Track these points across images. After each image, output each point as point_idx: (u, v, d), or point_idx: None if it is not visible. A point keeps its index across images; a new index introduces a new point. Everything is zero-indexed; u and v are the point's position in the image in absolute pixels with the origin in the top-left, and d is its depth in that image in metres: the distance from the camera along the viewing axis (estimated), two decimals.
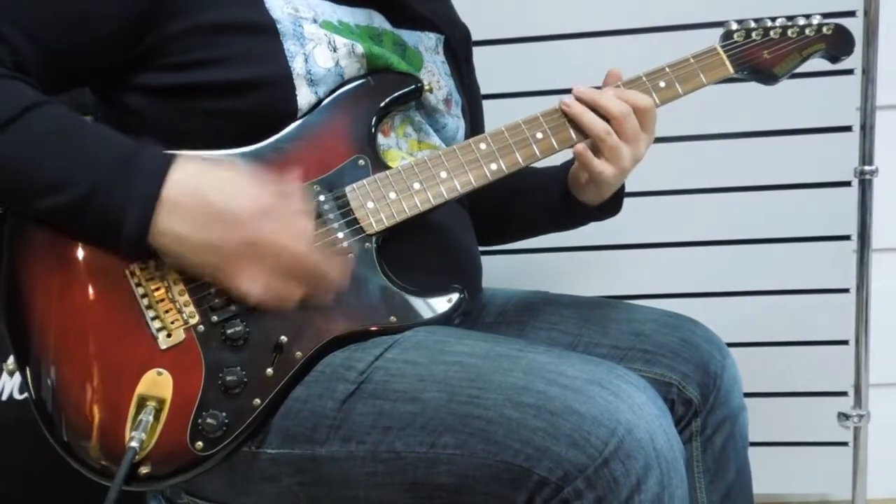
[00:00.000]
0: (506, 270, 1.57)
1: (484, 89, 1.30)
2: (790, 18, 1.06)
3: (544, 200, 1.13)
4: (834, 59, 1.09)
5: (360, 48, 0.96)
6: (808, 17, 1.06)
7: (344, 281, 0.88)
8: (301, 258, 0.84)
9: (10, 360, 0.87)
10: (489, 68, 1.34)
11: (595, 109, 0.96)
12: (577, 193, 1.07)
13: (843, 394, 1.62)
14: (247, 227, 0.81)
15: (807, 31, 1.06)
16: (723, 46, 1.04)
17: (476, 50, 1.28)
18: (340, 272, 0.88)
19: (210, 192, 0.82)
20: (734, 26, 1.05)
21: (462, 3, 1.23)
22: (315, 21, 0.95)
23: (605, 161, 0.97)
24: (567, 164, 1.08)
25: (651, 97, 0.99)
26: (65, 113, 0.84)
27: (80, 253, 0.86)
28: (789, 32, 1.06)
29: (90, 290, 0.85)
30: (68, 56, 0.86)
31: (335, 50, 0.94)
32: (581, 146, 0.97)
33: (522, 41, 1.56)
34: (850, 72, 1.50)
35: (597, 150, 0.97)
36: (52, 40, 0.85)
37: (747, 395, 1.10)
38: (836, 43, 1.07)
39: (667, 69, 1.02)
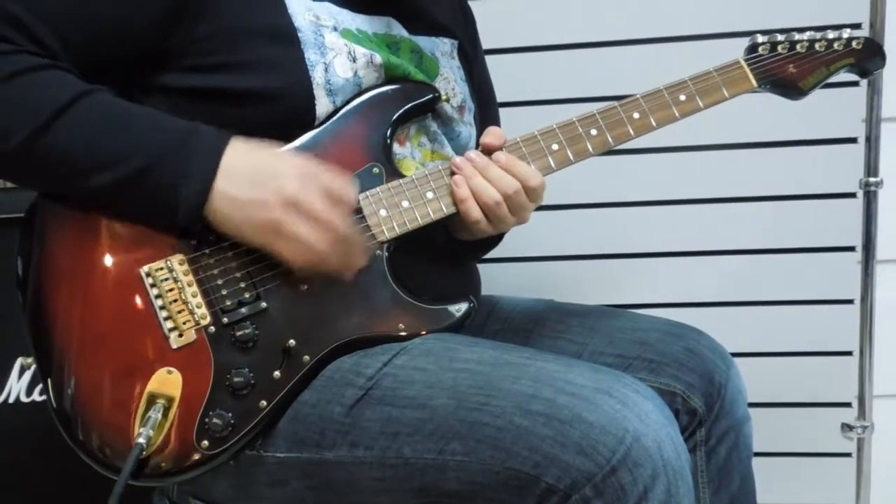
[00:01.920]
0: (511, 278, 1.57)
1: (503, 97, 1.29)
2: (818, 31, 1.06)
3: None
4: (864, 74, 1.09)
5: (378, 58, 0.96)
6: (837, 29, 1.05)
7: (367, 257, 0.90)
8: (334, 219, 0.84)
9: (18, 366, 0.88)
10: (509, 76, 1.34)
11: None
12: (452, 230, 1.05)
13: (847, 405, 1.61)
14: (288, 186, 0.83)
15: (835, 44, 1.05)
16: (746, 60, 1.04)
17: (496, 58, 1.27)
18: (366, 247, 0.89)
19: (259, 157, 0.86)
20: (760, 39, 1.05)
21: (484, 10, 1.23)
22: (335, 29, 0.95)
23: (487, 221, 0.95)
24: None
25: (670, 112, 0.99)
26: (116, 99, 0.86)
27: (98, 255, 0.87)
28: (817, 46, 1.05)
29: (107, 292, 0.87)
30: (96, 51, 0.87)
31: (354, 60, 0.95)
32: (460, 196, 0.94)
33: (542, 49, 1.56)
34: (855, 83, 1.50)
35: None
36: (80, 37, 0.85)
37: (751, 405, 1.10)
38: (866, 57, 1.06)
39: (688, 82, 1.01)
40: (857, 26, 1.48)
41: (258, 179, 0.83)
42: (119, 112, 0.85)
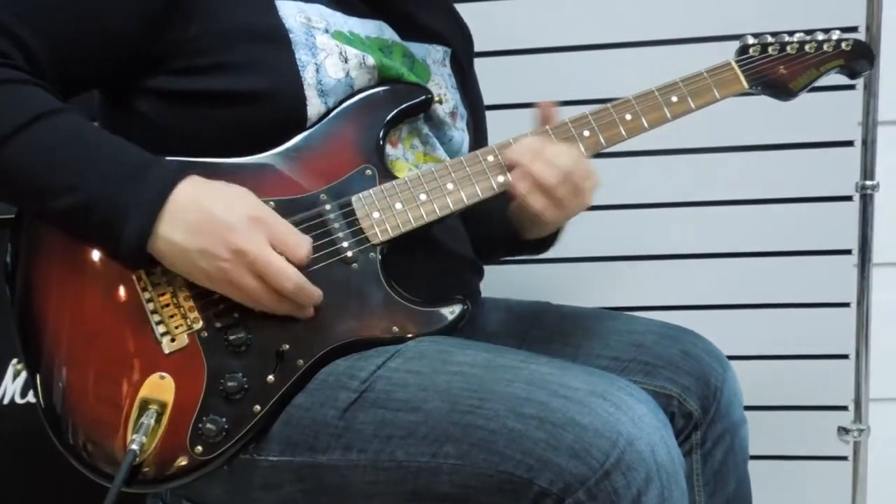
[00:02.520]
0: (507, 281, 1.56)
1: (490, 100, 1.30)
2: (808, 34, 1.06)
3: (503, 228, 1.08)
4: (853, 75, 1.09)
5: (370, 60, 0.96)
6: (826, 31, 1.06)
7: (317, 301, 0.87)
8: (282, 274, 0.83)
9: (12, 368, 0.88)
10: (495, 79, 1.35)
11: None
12: (518, 228, 1.05)
13: (844, 408, 1.61)
14: (236, 235, 0.81)
15: (825, 46, 1.06)
16: (737, 61, 1.04)
17: (485, 60, 1.29)
18: (318, 295, 0.87)
19: (209, 201, 0.83)
20: (750, 41, 1.05)
21: (469, 13, 1.24)
22: (327, 31, 0.95)
23: (551, 205, 0.94)
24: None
25: (662, 114, 1.00)
26: (78, 121, 0.84)
27: (90, 258, 0.87)
28: (807, 48, 1.06)
29: (98, 295, 0.86)
30: (82, 57, 0.87)
31: (346, 61, 0.95)
32: (520, 187, 0.94)
33: (532, 52, 1.57)
34: (852, 87, 1.50)
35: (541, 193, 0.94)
36: (67, 41, 0.85)
37: (747, 408, 1.10)
38: (856, 58, 1.07)
39: (680, 83, 1.02)
40: (853, 30, 1.48)
41: (205, 227, 0.81)
42: (78, 138, 0.83)
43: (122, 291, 0.86)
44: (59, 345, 0.85)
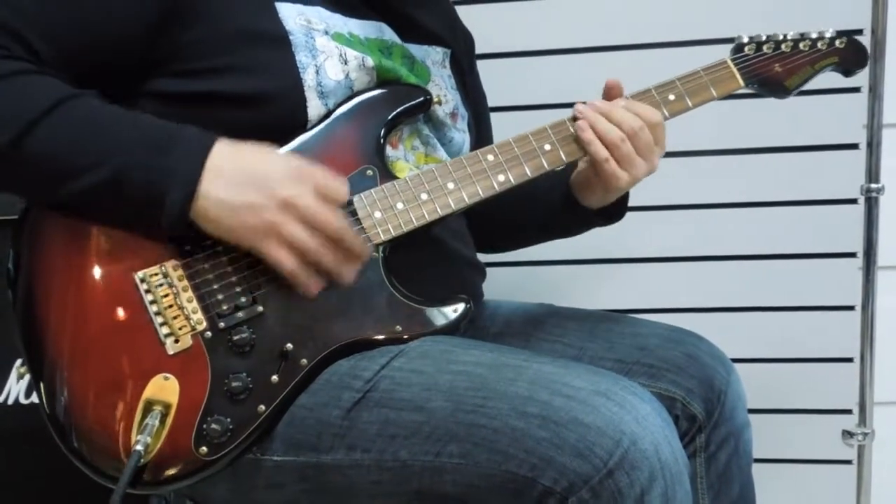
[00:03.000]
0: (511, 283, 1.57)
1: (492, 102, 1.31)
2: (802, 33, 1.07)
3: (544, 206, 1.13)
4: (847, 73, 1.10)
5: (370, 61, 0.97)
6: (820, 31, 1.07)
7: (365, 257, 0.88)
8: (331, 220, 0.84)
9: (17, 366, 0.87)
10: (498, 81, 1.35)
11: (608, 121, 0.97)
12: (581, 198, 1.07)
13: (848, 412, 1.61)
14: (282, 188, 0.82)
15: (819, 44, 1.07)
16: (733, 59, 1.05)
17: (485, 63, 1.29)
18: (363, 248, 0.88)
19: (248, 158, 0.84)
20: (745, 39, 1.06)
21: (471, 15, 1.24)
22: (327, 33, 0.95)
23: (619, 167, 0.97)
24: (567, 171, 1.08)
25: (660, 110, 1.00)
26: (100, 103, 0.85)
27: (92, 261, 0.87)
28: (801, 46, 1.07)
29: (101, 297, 0.86)
30: (85, 58, 0.87)
31: (346, 62, 0.95)
32: (586, 139, 0.96)
33: (531, 55, 1.57)
34: (857, 89, 1.50)
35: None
36: (68, 42, 0.85)
37: (751, 411, 1.10)
38: (849, 56, 1.08)
39: (676, 82, 1.02)
40: (858, 32, 1.48)
41: (248, 181, 0.82)
42: (102, 116, 0.84)
43: (124, 294, 0.86)
44: (63, 348, 0.85)
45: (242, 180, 0.82)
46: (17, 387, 1.27)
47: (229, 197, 0.82)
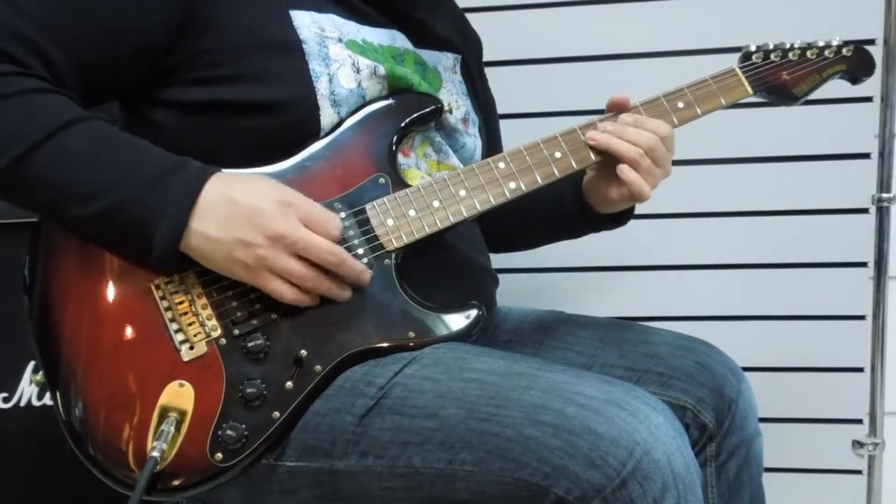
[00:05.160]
0: (522, 290, 1.57)
1: (502, 109, 1.32)
2: (809, 42, 1.07)
3: (556, 208, 1.15)
4: (855, 81, 1.10)
5: (382, 70, 0.97)
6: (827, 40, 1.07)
7: (364, 277, 0.89)
8: (322, 248, 0.85)
9: (30, 368, 0.88)
10: (508, 88, 1.35)
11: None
12: (596, 204, 1.08)
13: (859, 421, 1.60)
14: (271, 221, 0.83)
15: (826, 52, 1.07)
16: (741, 67, 1.05)
17: (496, 70, 1.29)
18: (361, 271, 0.88)
19: (238, 193, 0.84)
20: (753, 48, 1.07)
21: (483, 22, 1.24)
22: (340, 40, 0.96)
23: (642, 178, 0.98)
24: (580, 175, 1.08)
25: (670, 118, 1.01)
26: (105, 128, 0.86)
27: (107, 267, 0.87)
28: (808, 54, 1.07)
29: (116, 305, 0.87)
30: (101, 70, 0.88)
31: (358, 71, 0.96)
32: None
33: (541, 62, 1.58)
34: (868, 99, 1.50)
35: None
36: (86, 54, 0.86)
37: (762, 420, 1.10)
38: (857, 64, 1.08)
39: (685, 90, 1.03)
40: (870, 42, 1.48)
41: (238, 217, 0.83)
42: (105, 144, 0.84)
43: (140, 301, 0.87)
44: (78, 355, 0.85)
45: (232, 216, 0.83)
46: (29, 389, 1.28)
47: (219, 234, 0.83)
